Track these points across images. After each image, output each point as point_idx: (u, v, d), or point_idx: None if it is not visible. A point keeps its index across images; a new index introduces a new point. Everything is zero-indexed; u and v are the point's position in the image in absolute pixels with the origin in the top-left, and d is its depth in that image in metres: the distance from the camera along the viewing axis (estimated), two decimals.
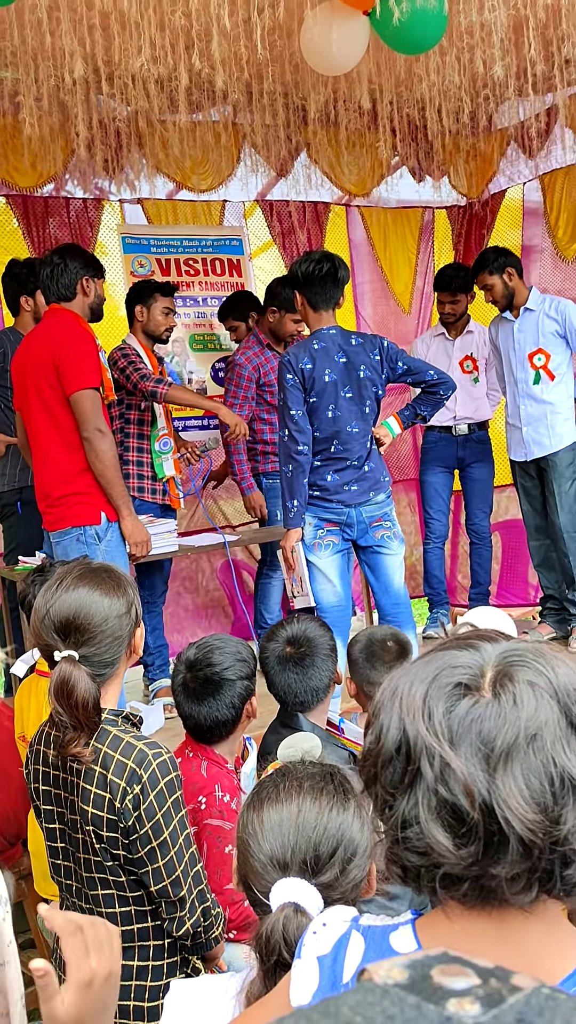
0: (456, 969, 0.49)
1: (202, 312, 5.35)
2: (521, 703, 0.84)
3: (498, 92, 4.39)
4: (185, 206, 5.21)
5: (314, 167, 5.26)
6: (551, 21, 3.70)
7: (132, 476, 4.37)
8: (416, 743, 0.86)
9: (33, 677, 2.69)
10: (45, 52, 3.49)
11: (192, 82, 3.71)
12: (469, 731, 0.84)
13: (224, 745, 2.34)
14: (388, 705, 0.91)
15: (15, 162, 4.54)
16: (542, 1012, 0.46)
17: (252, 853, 1.26)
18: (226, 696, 2.25)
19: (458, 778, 0.83)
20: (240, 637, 2.53)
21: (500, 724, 0.84)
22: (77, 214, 4.90)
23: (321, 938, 0.98)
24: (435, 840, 0.84)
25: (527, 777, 0.82)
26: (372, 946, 0.96)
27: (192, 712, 2.27)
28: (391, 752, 0.89)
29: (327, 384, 3.73)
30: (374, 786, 0.91)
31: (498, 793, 0.81)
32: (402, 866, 0.89)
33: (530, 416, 4.73)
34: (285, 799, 1.28)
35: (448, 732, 0.85)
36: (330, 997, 0.48)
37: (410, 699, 0.88)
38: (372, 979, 0.49)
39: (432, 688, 0.88)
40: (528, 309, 4.70)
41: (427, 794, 0.85)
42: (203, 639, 2.40)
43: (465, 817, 0.82)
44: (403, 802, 0.87)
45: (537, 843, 0.81)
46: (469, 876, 0.84)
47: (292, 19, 3.35)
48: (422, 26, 3.18)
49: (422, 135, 5.28)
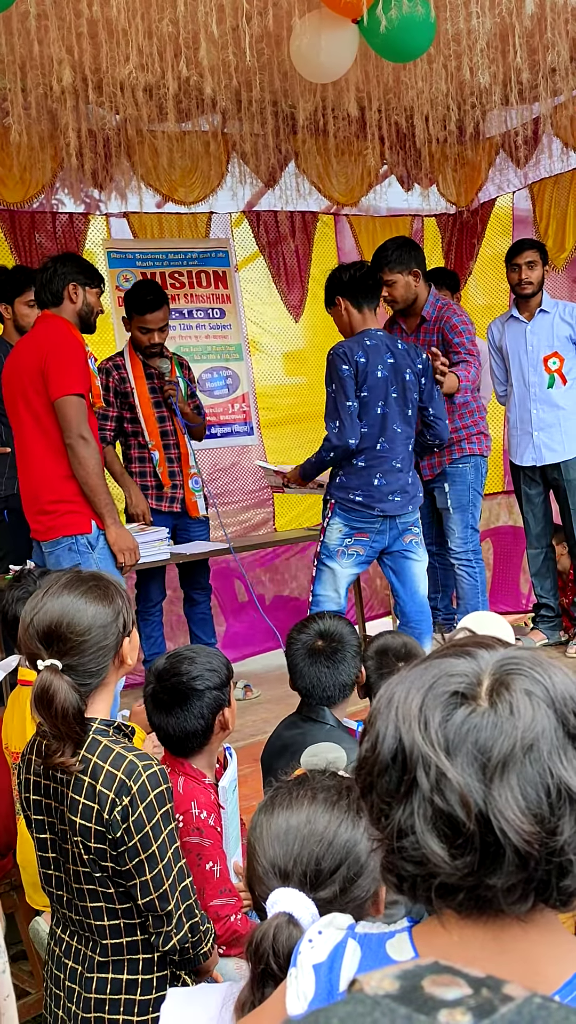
0: (447, 979, 0.49)
1: (187, 324, 5.35)
2: (518, 712, 0.84)
3: (484, 100, 4.41)
4: (171, 219, 5.21)
5: (302, 177, 5.27)
6: (536, 29, 3.72)
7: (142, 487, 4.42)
8: (412, 752, 0.85)
9: (19, 688, 2.67)
10: (33, 60, 3.50)
11: (181, 89, 3.71)
12: (465, 741, 0.83)
13: (200, 758, 2.30)
14: (384, 713, 0.90)
15: (3, 176, 4.53)
16: (534, 1021, 0.45)
17: (257, 857, 1.25)
18: (194, 707, 2.21)
19: (454, 788, 0.82)
20: (267, 644, 2.53)
21: (496, 734, 0.83)
22: (63, 228, 4.90)
23: (317, 946, 0.98)
24: (431, 850, 0.83)
25: (523, 788, 0.81)
26: (368, 954, 0.95)
27: (161, 723, 2.25)
28: (387, 761, 0.88)
29: (379, 380, 3.77)
30: (370, 795, 0.90)
31: (494, 804, 0.81)
32: (398, 875, 0.88)
33: (543, 421, 4.66)
34: (296, 807, 1.27)
35: (444, 742, 0.84)
36: (320, 1008, 0.47)
37: (406, 707, 0.88)
38: (363, 990, 0.48)
39: (429, 697, 0.87)
40: (543, 311, 4.64)
41: (423, 804, 0.84)
42: (176, 650, 2.38)
43: (461, 828, 0.82)
44: (399, 811, 0.86)
45: (533, 854, 0.80)
46: (465, 886, 0.84)
47: (281, 27, 3.36)
48: (410, 34, 3.19)
49: (410, 143, 5.29)
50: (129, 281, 5.11)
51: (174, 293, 5.27)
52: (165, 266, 5.25)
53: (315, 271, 5.64)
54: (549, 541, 4.90)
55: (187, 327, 5.35)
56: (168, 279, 5.26)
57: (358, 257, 5.78)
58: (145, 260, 5.19)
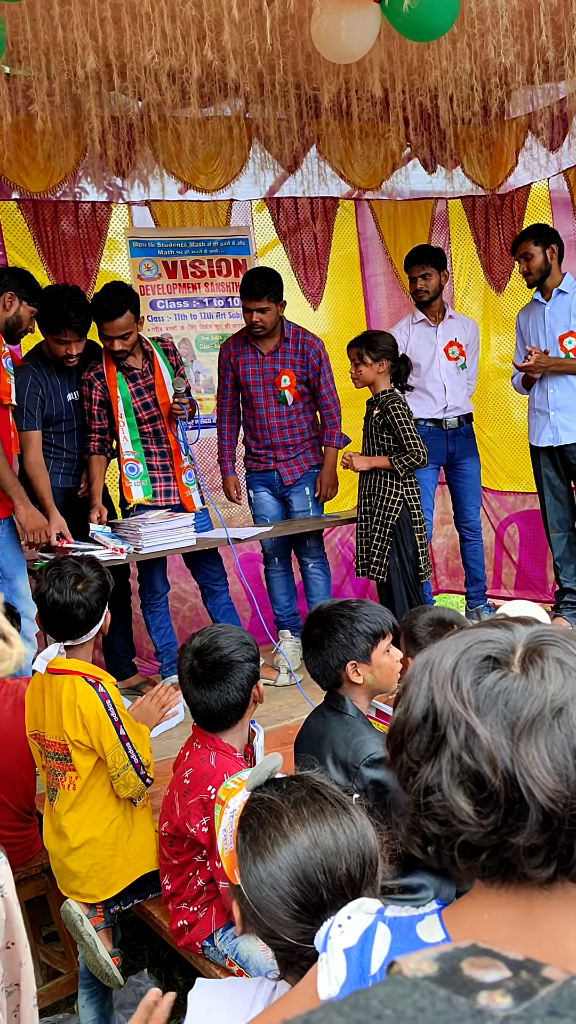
0: (486, 962, 0.49)
1: (208, 313, 5.35)
2: (548, 678, 0.85)
3: (509, 80, 4.35)
4: (192, 207, 5.20)
5: (324, 162, 5.23)
6: (562, 5, 3.66)
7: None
8: (443, 711, 0.87)
9: (41, 676, 2.69)
10: (57, 47, 3.49)
11: (204, 74, 3.69)
12: (496, 702, 0.85)
13: (232, 733, 2.34)
14: (419, 676, 0.92)
15: (27, 165, 4.54)
16: (574, 1003, 0.45)
17: (278, 907, 1.17)
18: (235, 679, 2.27)
19: (482, 745, 0.84)
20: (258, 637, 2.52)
21: (526, 696, 0.84)
22: (86, 217, 4.90)
23: (347, 931, 0.98)
24: (457, 806, 0.85)
25: (550, 749, 0.83)
26: (399, 937, 0.96)
27: (203, 698, 2.29)
28: (418, 720, 0.90)
29: None
30: (400, 755, 0.92)
31: (521, 762, 0.82)
32: (422, 835, 0.90)
33: (559, 401, 4.63)
34: (292, 836, 1.19)
35: (475, 701, 0.86)
36: (360, 990, 0.47)
37: (440, 670, 0.90)
38: (402, 972, 0.48)
39: (462, 660, 0.89)
40: (561, 291, 4.62)
41: (451, 761, 0.86)
42: (204, 628, 2.42)
43: (487, 784, 0.83)
44: (427, 769, 0.88)
45: (557, 812, 0.82)
46: (488, 845, 0.85)
47: (303, 8, 3.33)
48: (433, 12, 3.15)
49: (434, 124, 5.23)
50: (151, 270, 5.11)
51: (195, 282, 5.27)
52: (186, 254, 5.24)
53: (335, 256, 5.61)
54: (572, 525, 4.85)
55: (207, 315, 5.35)
56: (189, 267, 5.26)
57: (379, 241, 5.74)
58: (166, 249, 5.19)
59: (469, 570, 5.39)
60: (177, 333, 5.18)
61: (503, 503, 5.98)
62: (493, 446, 5.92)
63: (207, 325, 5.35)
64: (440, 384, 5.13)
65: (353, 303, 5.77)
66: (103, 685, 2.61)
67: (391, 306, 5.82)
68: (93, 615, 2.67)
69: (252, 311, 4.47)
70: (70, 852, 2.61)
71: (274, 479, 4.78)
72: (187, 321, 5.28)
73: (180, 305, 5.27)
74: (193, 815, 2.27)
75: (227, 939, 2.33)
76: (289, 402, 4.63)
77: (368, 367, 4.27)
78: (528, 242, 4.63)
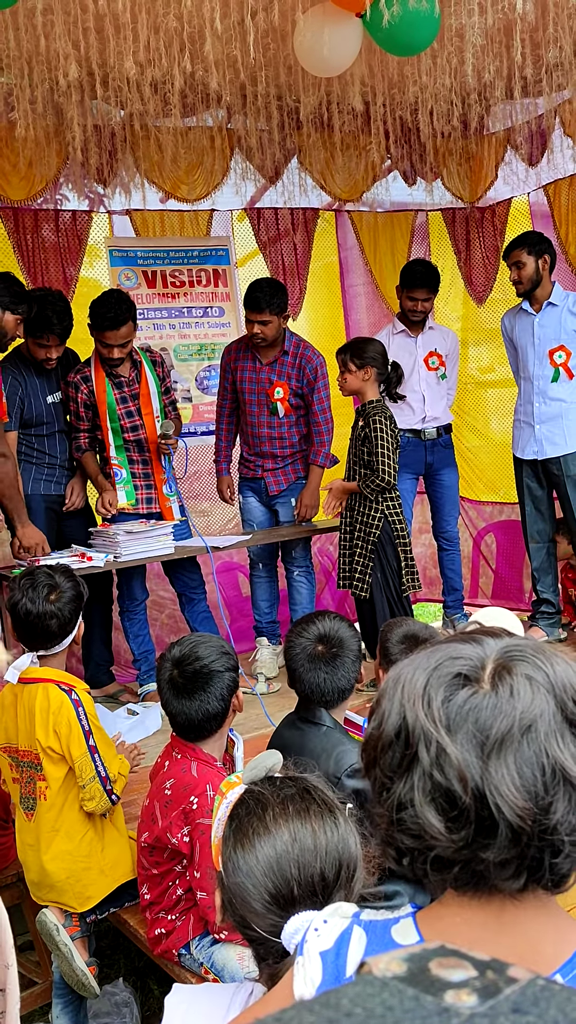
0: (453, 962, 0.50)
1: (187, 323, 5.36)
2: (518, 695, 0.86)
3: (488, 95, 4.40)
4: (173, 216, 5.20)
5: (305, 173, 5.25)
6: (540, 24, 3.71)
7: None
8: (415, 729, 0.88)
9: (21, 685, 2.68)
10: (40, 55, 3.50)
11: (186, 84, 3.71)
12: (466, 719, 0.86)
13: (211, 742, 2.34)
14: (391, 692, 0.93)
15: (8, 173, 4.53)
16: (537, 1002, 0.47)
17: (251, 895, 1.20)
18: (216, 689, 2.27)
19: (453, 764, 0.85)
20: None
21: (496, 714, 0.86)
22: (66, 226, 4.89)
23: (323, 934, 0.99)
24: (428, 823, 0.86)
25: (520, 766, 0.84)
26: (374, 939, 0.97)
27: (183, 708, 2.28)
28: (391, 737, 0.91)
29: None
30: (373, 769, 0.93)
31: (490, 780, 0.84)
32: (396, 848, 0.91)
33: (544, 414, 4.61)
34: (274, 830, 1.22)
35: (446, 719, 0.87)
36: (330, 989, 0.48)
37: (411, 687, 0.91)
38: (372, 972, 0.49)
39: (433, 677, 0.90)
40: (551, 304, 4.57)
41: (423, 778, 0.87)
42: (183, 638, 2.41)
43: (458, 801, 0.85)
44: (400, 785, 0.89)
45: (526, 830, 0.83)
46: (460, 860, 0.86)
47: (286, 21, 3.36)
48: (414, 28, 3.19)
49: (415, 137, 5.27)
50: (131, 280, 5.11)
51: (175, 291, 5.27)
52: (166, 264, 5.25)
53: (315, 267, 5.63)
54: (552, 536, 4.88)
55: (186, 325, 5.36)
56: (168, 277, 5.26)
57: (359, 252, 5.78)
58: (146, 258, 5.20)
59: (446, 579, 5.42)
60: (156, 343, 5.18)
61: (481, 513, 6.02)
62: (472, 456, 5.95)
63: (186, 335, 5.36)
64: (419, 395, 5.15)
65: (333, 313, 5.80)
66: (76, 692, 2.61)
67: (371, 316, 5.84)
68: (66, 625, 2.66)
69: (254, 322, 4.50)
70: (44, 864, 2.60)
71: (262, 487, 4.80)
72: (166, 331, 5.29)
73: (160, 315, 5.28)
74: (175, 825, 2.27)
75: (203, 947, 2.34)
76: (280, 414, 4.65)
77: (353, 375, 4.25)
78: (521, 250, 4.52)
